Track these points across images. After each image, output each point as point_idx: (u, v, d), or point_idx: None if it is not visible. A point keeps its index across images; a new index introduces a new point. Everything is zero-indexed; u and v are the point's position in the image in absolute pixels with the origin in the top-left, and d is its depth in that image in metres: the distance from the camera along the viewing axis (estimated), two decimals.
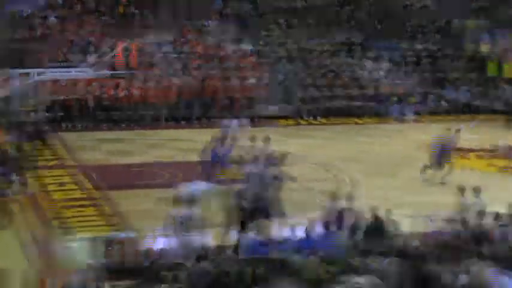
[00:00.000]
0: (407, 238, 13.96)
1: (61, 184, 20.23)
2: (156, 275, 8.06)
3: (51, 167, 21.71)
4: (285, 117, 29.75)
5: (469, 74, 33.75)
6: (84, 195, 19.28)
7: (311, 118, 29.88)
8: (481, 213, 15.34)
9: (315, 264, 9.84)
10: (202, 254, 11.44)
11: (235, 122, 22.18)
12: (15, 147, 20.15)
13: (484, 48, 34.39)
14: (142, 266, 11.54)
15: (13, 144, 20.22)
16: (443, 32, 35.88)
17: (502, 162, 23.46)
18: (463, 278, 7.74)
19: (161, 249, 12.18)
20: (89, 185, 20.19)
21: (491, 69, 33.24)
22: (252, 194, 16.18)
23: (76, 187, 20.05)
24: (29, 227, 16.62)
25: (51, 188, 19.85)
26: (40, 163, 21.76)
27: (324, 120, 29.80)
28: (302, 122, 29.55)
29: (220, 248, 12.49)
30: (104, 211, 18.03)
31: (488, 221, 14.94)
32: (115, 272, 12.64)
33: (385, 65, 32.83)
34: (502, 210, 15.26)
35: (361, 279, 4.83)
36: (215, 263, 8.02)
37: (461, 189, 16.01)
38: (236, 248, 15.25)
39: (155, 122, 28.18)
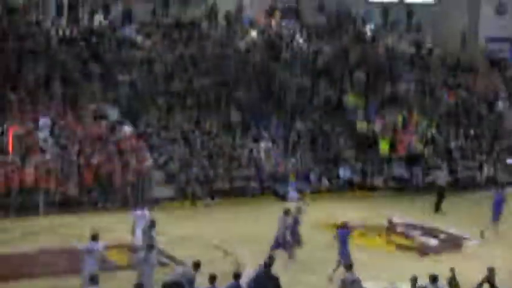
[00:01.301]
0: None
1: None
2: None
3: None
4: (170, 199, 29.31)
5: (353, 150, 34.45)
6: None
7: (196, 199, 29.58)
8: None
9: None
10: None
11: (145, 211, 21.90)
12: None
13: (361, 125, 35.35)
14: None
15: None
16: (323, 110, 36.52)
17: (399, 240, 23.82)
18: None
19: None
20: None
21: (382, 147, 34.12)
22: None
23: None
24: None
25: None
26: None
27: (209, 202, 29.58)
28: (187, 203, 29.25)
29: None
30: None
31: None
32: None
33: (265, 144, 33.11)
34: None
35: None
36: None
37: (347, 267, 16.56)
38: None
39: (33, 209, 26.98)
